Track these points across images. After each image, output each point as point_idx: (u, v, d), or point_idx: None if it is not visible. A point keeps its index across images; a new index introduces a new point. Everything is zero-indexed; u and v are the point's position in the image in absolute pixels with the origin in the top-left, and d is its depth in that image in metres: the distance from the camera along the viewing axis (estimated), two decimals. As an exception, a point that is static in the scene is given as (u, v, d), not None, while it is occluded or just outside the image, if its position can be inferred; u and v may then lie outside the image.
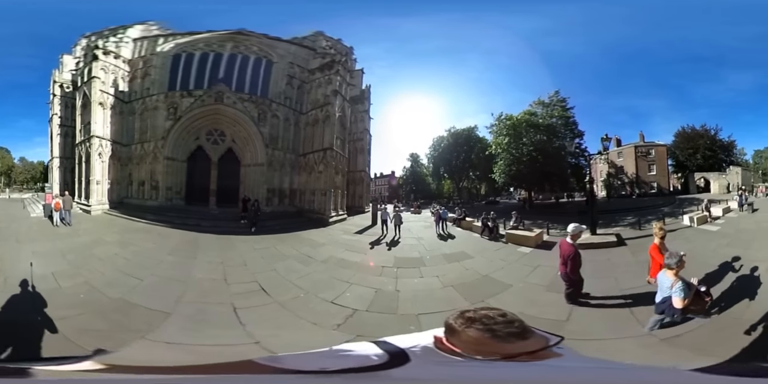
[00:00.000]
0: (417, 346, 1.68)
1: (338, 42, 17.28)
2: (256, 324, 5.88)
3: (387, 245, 11.70)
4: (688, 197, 20.02)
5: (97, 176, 15.33)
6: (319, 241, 11.66)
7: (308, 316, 6.30)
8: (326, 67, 15.95)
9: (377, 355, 1.62)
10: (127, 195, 15.93)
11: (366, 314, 6.43)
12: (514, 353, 1.52)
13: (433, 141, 22.59)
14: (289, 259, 9.58)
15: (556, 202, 21.95)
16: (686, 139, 22.50)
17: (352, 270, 8.94)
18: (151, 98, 16.07)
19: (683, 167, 22.92)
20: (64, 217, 13.85)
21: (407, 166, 25.08)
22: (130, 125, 16.26)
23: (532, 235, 11.09)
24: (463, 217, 14.56)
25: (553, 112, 18.60)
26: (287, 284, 7.82)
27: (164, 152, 15.41)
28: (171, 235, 12.30)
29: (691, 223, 14.07)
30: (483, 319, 1.60)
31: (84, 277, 8.37)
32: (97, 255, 10.01)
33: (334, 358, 1.73)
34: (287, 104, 15.94)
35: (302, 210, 15.22)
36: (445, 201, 23.62)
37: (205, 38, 16.25)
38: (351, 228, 13.96)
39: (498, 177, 19.33)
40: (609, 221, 14.51)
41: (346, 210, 15.83)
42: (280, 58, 16.32)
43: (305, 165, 15.61)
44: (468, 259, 9.95)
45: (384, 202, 22.92)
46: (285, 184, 15.57)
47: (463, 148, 21.62)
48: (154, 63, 16.23)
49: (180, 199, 15.48)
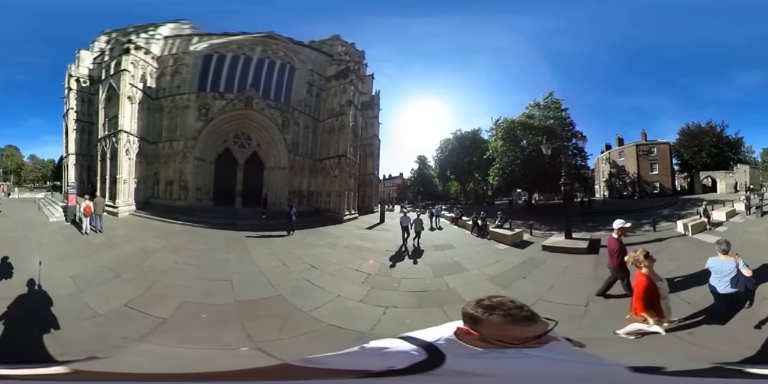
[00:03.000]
0: (441, 340, 1.82)
1: (352, 46, 19.08)
2: (325, 286, 9.06)
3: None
4: (692, 198, 20.09)
5: (124, 175, 15.43)
6: (338, 234, 14.42)
7: (345, 278, 9.82)
8: (341, 75, 18.05)
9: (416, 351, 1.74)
10: (153, 195, 16.48)
11: (375, 277, 9.96)
12: (527, 336, 1.72)
13: (440, 143, 24.50)
14: (320, 247, 12.54)
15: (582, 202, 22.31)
16: (691, 136, 22.76)
17: (365, 252, 12.40)
18: (182, 97, 16.79)
19: (689, 166, 23.33)
20: (95, 223, 12.88)
21: (415, 168, 27.10)
22: (157, 122, 16.74)
23: (510, 234, 13.15)
24: (460, 216, 17.02)
25: (548, 113, 19.45)
26: (326, 261, 10.96)
27: (194, 152, 16.37)
28: (214, 235, 13.12)
29: (685, 231, 12.87)
30: (500, 305, 1.77)
31: (171, 295, 8.05)
32: (157, 267, 9.86)
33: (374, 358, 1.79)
34: (307, 112, 17.97)
35: (319, 209, 17.32)
36: (452, 202, 25.48)
37: (238, 40, 17.39)
38: (362, 225, 16.73)
39: (492, 179, 20.65)
40: (601, 224, 14.75)
41: (357, 210, 18.21)
42: (302, 64, 18.02)
43: (322, 169, 17.80)
44: (450, 250, 12.74)
45: (393, 203, 25.34)
46: (304, 186, 17.62)
47: (468, 151, 23.24)
48: (186, 61, 17.07)
49: (209, 200, 16.56)
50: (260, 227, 13.89)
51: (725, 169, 22.01)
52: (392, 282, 9.53)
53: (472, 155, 23.13)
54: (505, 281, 9.26)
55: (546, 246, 11.75)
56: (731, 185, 21.22)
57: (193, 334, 6.64)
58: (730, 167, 22.09)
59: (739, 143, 22.42)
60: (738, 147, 22.51)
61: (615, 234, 7.81)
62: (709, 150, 22.13)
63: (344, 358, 1.84)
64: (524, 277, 9.46)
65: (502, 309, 1.78)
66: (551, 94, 19.59)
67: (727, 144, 22.29)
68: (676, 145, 23.20)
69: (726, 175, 21.71)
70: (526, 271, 9.85)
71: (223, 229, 13.74)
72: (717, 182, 22.05)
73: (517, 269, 10.10)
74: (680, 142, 23.10)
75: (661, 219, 15.25)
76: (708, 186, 22.44)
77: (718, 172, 22.03)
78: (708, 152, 22.17)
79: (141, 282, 8.75)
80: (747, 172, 21.24)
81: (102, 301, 7.60)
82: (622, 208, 20.14)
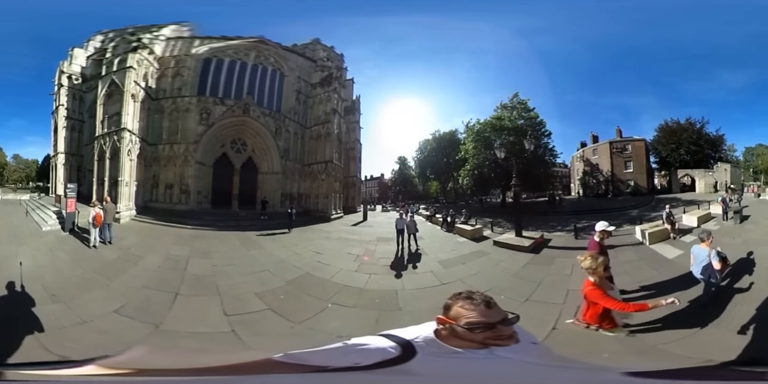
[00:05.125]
0: (419, 338, 2.03)
1: (332, 50, 21.10)
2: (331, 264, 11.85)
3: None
4: (668, 197, 20.08)
5: (125, 177, 15.52)
6: (329, 230, 17.24)
7: (342, 258, 12.58)
8: (326, 82, 20.25)
9: (392, 348, 1.93)
10: (151, 199, 17.04)
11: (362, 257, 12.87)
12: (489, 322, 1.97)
13: (419, 144, 26.61)
14: (317, 240, 15.24)
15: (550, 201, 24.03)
16: (669, 133, 23.05)
17: (353, 242, 15.11)
18: (183, 99, 17.64)
19: (667, 164, 23.53)
20: (104, 234, 11.95)
21: (395, 168, 29.32)
22: (156, 124, 17.31)
23: (470, 229, 15.40)
24: (433, 214, 19.97)
25: (515, 114, 20.58)
26: (325, 248, 13.97)
27: (196, 156, 17.49)
28: (226, 237, 14.49)
29: (643, 238, 11.94)
30: (464, 293, 2.14)
31: (244, 293, 9.09)
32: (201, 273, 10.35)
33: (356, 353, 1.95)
34: (296, 119, 20.04)
35: (308, 210, 19.46)
36: (432, 201, 27.79)
37: (234, 45, 18.68)
38: (348, 222, 19.59)
39: (463, 180, 22.40)
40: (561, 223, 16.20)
41: (342, 210, 20.87)
42: (290, 71, 19.85)
43: (310, 173, 20.04)
44: (420, 240, 14.55)
45: (374, 203, 27.32)
46: (294, 189, 19.75)
47: (446, 151, 24.90)
48: (187, 64, 17.97)
49: (207, 203, 17.85)
50: (261, 227, 15.93)
51: (705, 168, 22.21)
52: (373, 260, 12.74)
53: (450, 156, 24.50)
54: (448, 264, 12.05)
55: (496, 241, 13.68)
56: (711, 184, 21.32)
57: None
58: (710, 166, 22.28)
59: (719, 141, 22.76)
60: (719, 145, 22.83)
61: (597, 237, 7.79)
62: (687, 147, 22.46)
63: (325, 354, 2.02)
64: (463, 263, 12.04)
65: (464, 294, 2.13)
66: (516, 94, 20.94)
67: (707, 141, 22.62)
68: (654, 143, 23.62)
69: (705, 173, 21.87)
70: (468, 259, 12.43)
71: (229, 230, 15.36)
72: (696, 181, 22.24)
73: (463, 257, 12.74)
74: (658, 139, 23.52)
75: (625, 221, 15.07)
76: (687, 185, 22.74)
77: (697, 171, 22.24)
78: (687, 149, 22.48)
79: (207, 291, 9.16)
80: (728, 170, 21.25)
81: (196, 322, 7.69)
82: (592, 207, 20.90)
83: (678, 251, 10.76)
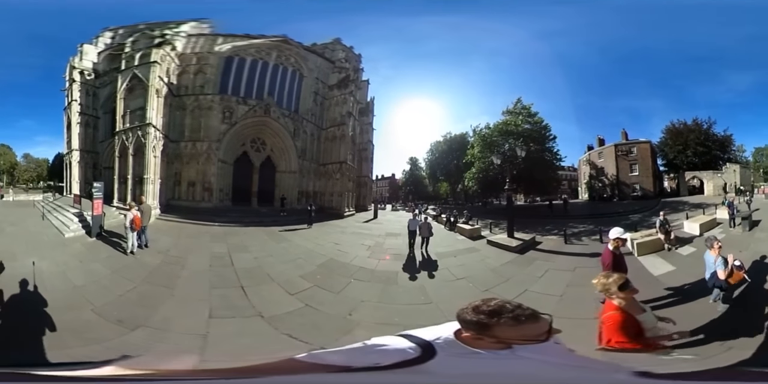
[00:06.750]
0: (440, 339, 2.06)
1: (351, 50, 22.07)
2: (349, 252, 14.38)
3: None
4: (675, 201, 20.50)
5: (150, 174, 15.91)
6: (343, 226, 19.34)
7: (357, 248, 15.02)
8: (342, 85, 21.53)
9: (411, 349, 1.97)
10: (173, 196, 17.62)
11: (375, 247, 15.36)
12: (537, 333, 1.94)
13: (431, 146, 27.47)
14: (334, 234, 17.34)
15: (550, 205, 24.33)
16: (675, 134, 23.14)
17: (365, 235, 17.47)
18: (206, 97, 18.23)
19: (674, 166, 23.57)
20: (141, 238, 11.48)
21: (406, 169, 30.24)
22: (178, 120, 17.77)
23: (469, 228, 16.87)
24: (439, 214, 21.67)
25: (520, 119, 21.22)
26: (342, 240, 16.23)
27: (218, 154, 18.32)
28: (253, 233, 15.96)
29: (632, 249, 11.01)
30: (502, 309, 2.00)
31: (295, 278, 11.30)
32: (248, 266, 11.73)
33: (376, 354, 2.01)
34: (313, 121, 21.23)
35: (323, 207, 20.66)
36: (441, 202, 28.87)
37: (257, 44, 19.41)
38: (360, 219, 21.60)
39: (468, 183, 23.54)
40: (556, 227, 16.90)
41: (354, 208, 22.55)
42: (309, 72, 20.84)
43: (325, 173, 21.38)
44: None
45: (385, 202, 28.61)
46: (310, 187, 21.11)
47: (457, 154, 25.66)
48: (210, 61, 18.48)
49: (228, 201, 18.81)
50: (283, 223, 17.58)
51: (713, 169, 22.05)
52: (383, 250, 15.02)
53: (460, 158, 25.18)
54: (441, 256, 13.99)
55: (489, 240, 15.08)
56: (720, 186, 21.16)
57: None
58: (719, 167, 22.10)
59: (727, 141, 22.60)
60: (727, 145, 22.69)
61: (611, 245, 7.28)
62: (694, 149, 22.44)
63: (347, 354, 2.11)
64: (455, 256, 13.99)
65: (506, 312, 2.03)
66: (519, 99, 21.59)
67: (715, 142, 22.53)
68: (661, 145, 23.62)
69: (714, 175, 21.68)
70: (459, 253, 14.40)
71: (254, 226, 16.79)
72: (704, 183, 22.09)
73: (456, 252, 14.66)
74: (664, 141, 23.52)
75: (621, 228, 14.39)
76: (696, 187, 22.63)
77: (705, 172, 22.06)
78: (694, 151, 22.46)
79: (264, 280, 10.77)
80: (737, 171, 21.05)
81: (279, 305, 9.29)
82: (596, 211, 21.31)
83: (668, 267, 9.88)
